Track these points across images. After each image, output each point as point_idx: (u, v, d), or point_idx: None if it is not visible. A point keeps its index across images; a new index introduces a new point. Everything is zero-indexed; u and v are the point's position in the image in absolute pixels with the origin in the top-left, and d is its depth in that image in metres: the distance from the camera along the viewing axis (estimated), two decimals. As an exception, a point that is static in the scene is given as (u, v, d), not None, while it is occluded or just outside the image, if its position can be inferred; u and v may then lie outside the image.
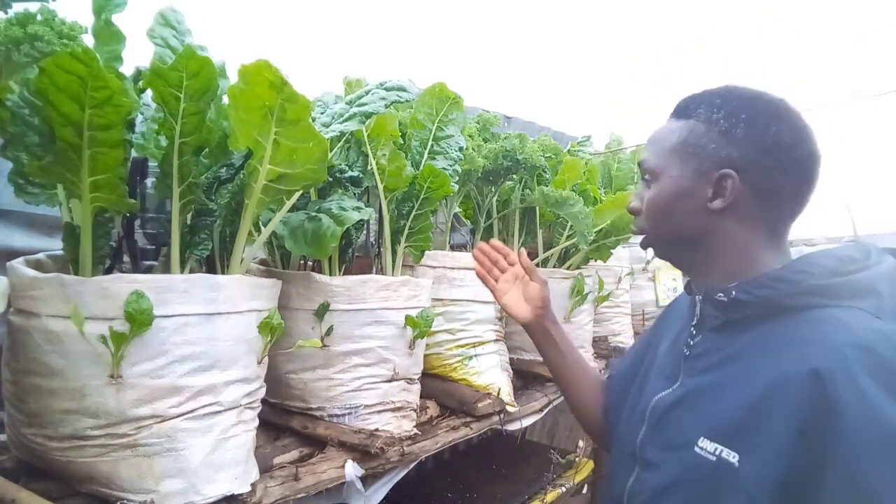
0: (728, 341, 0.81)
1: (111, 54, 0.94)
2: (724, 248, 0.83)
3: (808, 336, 0.72)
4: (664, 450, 0.82)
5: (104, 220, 0.92)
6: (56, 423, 0.83)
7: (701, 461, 0.75)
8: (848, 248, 0.80)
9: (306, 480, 1.03)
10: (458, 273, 1.49)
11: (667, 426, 0.83)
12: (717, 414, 0.76)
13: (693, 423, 0.79)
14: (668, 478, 0.80)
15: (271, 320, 0.96)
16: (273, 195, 0.98)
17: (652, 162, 0.87)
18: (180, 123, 0.85)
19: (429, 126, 1.48)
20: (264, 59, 0.83)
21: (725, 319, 0.82)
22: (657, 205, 0.86)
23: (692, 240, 0.85)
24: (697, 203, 0.82)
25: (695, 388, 0.82)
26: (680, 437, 0.80)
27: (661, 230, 0.88)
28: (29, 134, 0.79)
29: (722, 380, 0.79)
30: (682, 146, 0.84)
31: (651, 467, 0.84)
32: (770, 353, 0.75)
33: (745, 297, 0.78)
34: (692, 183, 0.82)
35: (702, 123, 0.83)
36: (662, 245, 0.91)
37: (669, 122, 0.88)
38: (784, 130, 0.78)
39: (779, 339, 0.75)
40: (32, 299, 0.82)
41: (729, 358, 0.80)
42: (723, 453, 0.73)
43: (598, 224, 1.75)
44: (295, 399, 1.21)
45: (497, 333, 1.61)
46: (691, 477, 0.76)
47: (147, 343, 0.82)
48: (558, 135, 3.15)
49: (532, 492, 1.86)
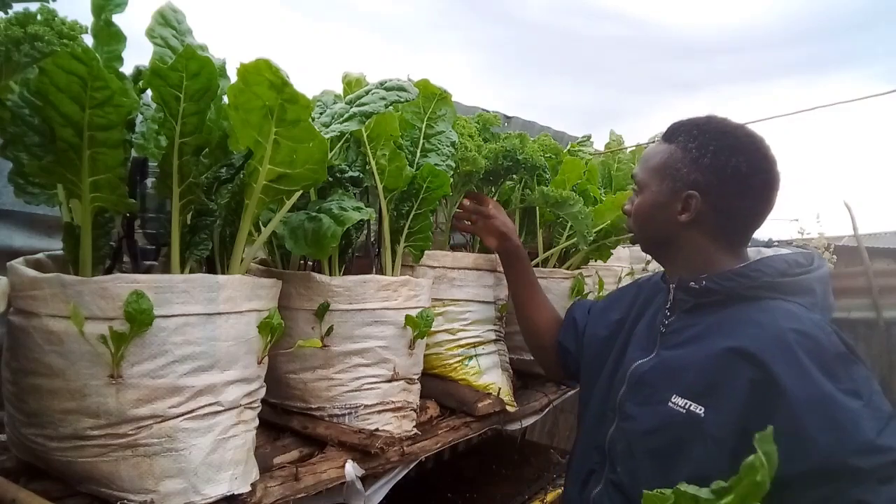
0: (696, 321, 1.00)
1: (111, 54, 0.94)
2: (689, 252, 1.04)
3: (759, 319, 0.91)
4: (641, 405, 1.00)
5: (104, 220, 0.92)
6: (56, 423, 0.83)
7: (674, 413, 0.93)
8: (797, 255, 1.00)
9: (306, 480, 1.03)
10: (458, 273, 1.49)
11: (644, 386, 1.01)
12: (686, 377, 0.94)
13: (667, 384, 0.96)
14: (645, 426, 0.97)
15: (271, 320, 0.96)
16: (273, 195, 0.98)
17: (640, 176, 1.09)
18: (180, 123, 0.85)
19: (418, 125, 1.47)
20: (264, 58, 0.83)
21: (695, 303, 1.01)
22: (640, 212, 1.09)
23: (665, 242, 1.07)
24: (670, 215, 1.03)
25: (668, 357, 1.00)
26: (655, 395, 0.97)
27: (643, 232, 1.11)
28: (29, 134, 0.79)
29: (690, 351, 0.97)
30: (662, 167, 1.04)
31: (629, 419, 1.01)
32: (729, 331, 0.93)
33: (714, 287, 0.98)
34: (667, 198, 1.03)
35: (680, 149, 1.02)
36: (644, 244, 1.14)
37: (659, 143, 1.08)
38: (743, 162, 0.97)
39: (736, 321, 0.94)
40: (32, 299, 0.82)
41: (696, 335, 0.98)
42: (691, 407, 0.91)
43: (597, 224, 1.75)
44: (295, 399, 1.21)
45: (497, 333, 1.61)
46: (665, 425, 0.94)
47: (147, 343, 0.82)
48: (558, 135, 3.15)
49: (532, 492, 1.86)
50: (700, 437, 0.89)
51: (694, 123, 1.04)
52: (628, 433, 1.00)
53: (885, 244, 4.53)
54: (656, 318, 1.09)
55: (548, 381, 1.83)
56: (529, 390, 1.77)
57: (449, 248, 1.63)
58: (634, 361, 1.06)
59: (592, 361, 1.23)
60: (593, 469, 1.09)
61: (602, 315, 1.28)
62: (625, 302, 1.24)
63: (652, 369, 1.02)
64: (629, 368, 1.05)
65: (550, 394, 1.78)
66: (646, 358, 1.04)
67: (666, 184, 1.03)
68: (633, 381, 1.04)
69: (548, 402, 1.75)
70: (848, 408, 0.81)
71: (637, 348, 1.08)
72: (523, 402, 1.63)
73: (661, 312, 1.08)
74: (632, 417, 1.00)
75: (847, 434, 0.79)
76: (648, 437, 0.96)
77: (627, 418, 1.01)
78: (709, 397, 0.90)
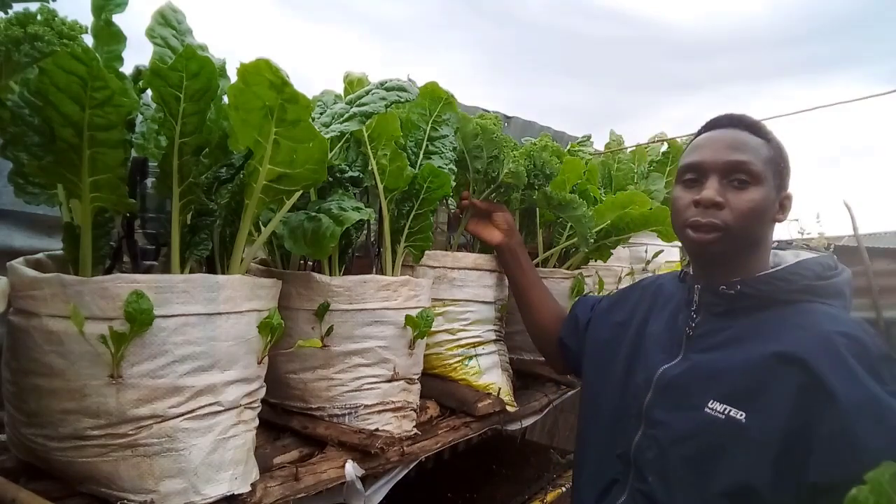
0: (729, 324, 0.96)
1: (111, 54, 0.94)
2: (762, 252, 0.99)
3: (802, 323, 0.89)
4: (673, 410, 0.95)
5: (104, 220, 0.92)
6: (56, 423, 0.83)
7: (712, 419, 0.89)
8: (825, 258, 0.98)
9: (306, 480, 1.03)
10: (459, 273, 1.49)
11: (674, 391, 0.96)
12: (724, 381, 0.90)
13: (702, 388, 0.92)
14: (678, 433, 0.93)
15: (271, 320, 0.96)
16: (273, 195, 0.98)
17: (756, 166, 0.95)
18: (180, 123, 0.85)
19: (423, 126, 1.48)
20: (264, 58, 0.83)
21: (728, 307, 0.97)
22: (756, 207, 0.94)
23: (756, 244, 0.98)
24: (772, 214, 0.98)
25: (701, 361, 0.96)
26: (689, 400, 0.93)
27: (746, 229, 0.95)
28: (29, 134, 0.79)
29: (726, 355, 0.93)
30: (772, 162, 0.97)
31: (660, 426, 0.96)
32: (770, 335, 0.90)
33: (750, 291, 0.94)
34: (774, 196, 0.97)
35: (773, 147, 0.98)
36: (733, 241, 0.96)
37: (745, 134, 0.97)
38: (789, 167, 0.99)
39: (776, 325, 0.91)
40: (32, 299, 0.82)
41: (732, 338, 0.94)
42: (731, 412, 0.87)
43: (598, 224, 1.75)
44: (295, 399, 1.21)
45: (497, 333, 1.60)
46: (702, 431, 0.90)
47: (147, 343, 0.82)
48: (558, 135, 3.16)
49: (532, 492, 1.86)
50: (742, 443, 0.85)
51: (759, 121, 1.00)
52: (660, 440, 0.95)
53: (885, 244, 4.52)
54: (677, 319, 1.05)
55: (548, 381, 1.83)
56: (529, 390, 1.76)
57: (457, 247, 1.63)
58: (659, 366, 1.01)
59: (595, 363, 1.20)
60: (616, 479, 1.03)
61: (604, 316, 1.26)
62: (627, 305, 1.21)
63: (683, 373, 0.97)
64: (654, 373, 1.00)
65: (550, 394, 1.78)
66: (672, 361, 1.00)
67: (775, 181, 0.97)
68: (662, 385, 0.99)
69: (548, 402, 1.75)
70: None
71: (659, 351, 1.03)
72: (523, 402, 1.63)
73: (684, 314, 1.03)
74: (663, 424, 0.96)
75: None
76: (683, 443, 0.92)
77: (657, 425, 0.97)
78: (751, 402, 0.86)
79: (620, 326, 1.17)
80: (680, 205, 1.00)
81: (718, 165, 0.95)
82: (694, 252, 1.02)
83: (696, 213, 0.96)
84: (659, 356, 1.02)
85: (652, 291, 1.19)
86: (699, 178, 0.98)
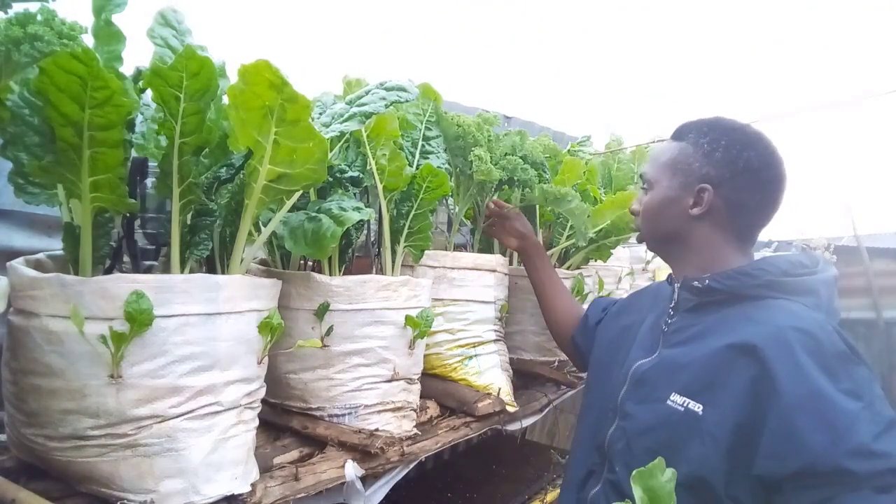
0: (697, 320, 1.00)
1: (111, 54, 0.94)
2: (700, 247, 1.03)
3: (759, 317, 0.91)
4: (640, 403, 0.99)
5: (104, 220, 0.92)
6: (56, 423, 0.83)
7: (671, 411, 0.92)
8: (801, 256, 1.00)
9: (306, 480, 1.03)
10: (458, 273, 1.49)
11: (643, 385, 1.01)
12: (685, 375, 0.94)
13: (666, 382, 0.96)
14: (643, 424, 0.97)
15: (271, 320, 0.96)
16: (273, 195, 0.98)
17: (650, 173, 1.08)
18: (180, 123, 0.85)
19: (419, 126, 1.48)
20: (264, 59, 0.83)
21: (698, 302, 1.01)
22: (651, 208, 1.08)
23: (676, 238, 1.06)
24: (681, 209, 1.03)
25: (668, 356, 1.00)
26: (654, 394, 0.97)
27: (653, 229, 1.10)
28: (29, 134, 0.79)
29: (690, 349, 0.96)
30: (673, 163, 1.04)
31: (629, 417, 1.00)
32: (729, 328, 0.93)
33: (717, 286, 0.97)
34: (678, 193, 1.03)
35: (690, 145, 1.03)
36: (653, 241, 1.13)
37: (668, 142, 1.08)
38: (754, 157, 0.98)
39: (736, 319, 0.94)
40: (32, 299, 0.82)
41: (698, 333, 0.98)
42: (689, 405, 0.90)
43: (597, 224, 1.75)
44: (295, 399, 1.21)
45: (497, 333, 1.60)
46: (663, 423, 0.93)
47: (147, 343, 0.82)
48: (558, 135, 3.15)
49: (532, 492, 1.86)
50: (698, 435, 0.88)
51: (703, 122, 1.05)
52: (628, 432, 0.99)
53: (885, 244, 4.53)
54: (660, 318, 1.09)
55: (548, 381, 1.83)
56: (529, 390, 1.76)
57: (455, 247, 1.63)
58: (636, 361, 1.05)
59: (598, 363, 1.23)
60: (592, 469, 1.08)
61: (615, 318, 1.28)
62: (634, 308, 1.23)
63: (652, 368, 1.01)
64: (631, 368, 1.05)
65: (550, 394, 1.78)
66: (647, 358, 1.04)
67: (677, 179, 1.03)
68: (635, 380, 1.03)
69: (548, 402, 1.75)
70: (844, 408, 0.78)
71: (640, 349, 1.08)
72: (523, 402, 1.63)
73: (665, 312, 1.07)
74: (631, 416, 1.00)
75: (840, 435, 0.76)
76: (646, 435, 0.96)
77: (627, 417, 1.01)
78: (707, 395, 0.89)
79: (626, 330, 1.19)
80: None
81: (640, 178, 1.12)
82: None
83: None
84: (639, 353, 1.06)
85: (653, 293, 1.22)
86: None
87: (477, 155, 1.48)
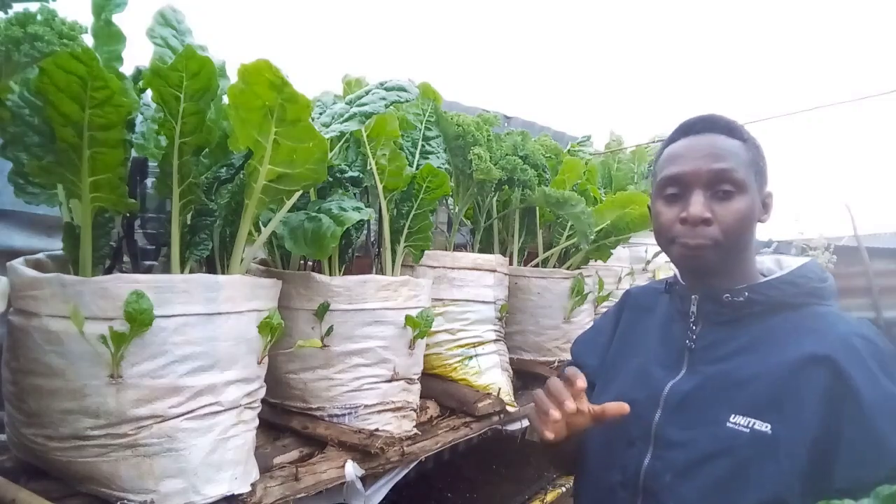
0: (737, 333, 0.92)
1: (111, 54, 0.94)
2: (749, 258, 0.95)
3: (816, 327, 0.88)
4: (689, 429, 0.89)
5: (104, 220, 0.92)
6: (56, 423, 0.83)
7: (735, 434, 0.84)
8: (815, 262, 0.97)
9: (306, 480, 1.03)
10: (458, 273, 1.49)
11: (689, 408, 0.91)
12: (745, 393, 0.86)
13: (720, 402, 0.88)
14: (700, 452, 0.87)
15: (271, 320, 0.96)
16: (273, 195, 0.98)
17: (739, 174, 0.90)
18: (180, 123, 0.85)
19: (418, 126, 1.48)
20: (264, 59, 0.83)
21: (733, 316, 0.93)
22: (744, 217, 0.90)
23: (745, 247, 0.93)
24: (757, 217, 0.94)
25: (715, 373, 0.91)
26: (706, 416, 0.88)
27: (738, 241, 0.91)
28: (29, 134, 0.79)
29: (741, 365, 0.89)
30: (752, 164, 0.92)
31: (675, 447, 0.90)
32: (785, 341, 0.88)
33: (758, 297, 0.91)
34: (758, 198, 0.93)
35: (751, 147, 0.93)
36: (725, 253, 0.91)
37: (722, 138, 0.93)
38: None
39: (790, 330, 0.89)
40: (32, 299, 0.82)
41: (741, 348, 0.91)
42: (755, 425, 0.83)
43: (598, 224, 1.75)
44: (295, 399, 1.21)
45: (497, 333, 1.60)
46: (726, 449, 0.85)
47: (147, 343, 0.82)
48: (558, 135, 3.15)
49: (532, 492, 1.86)
50: (771, 456, 0.81)
51: (731, 119, 0.96)
52: (677, 463, 0.89)
53: (885, 244, 4.53)
54: (670, 332, 0.99)
55: (548, 381, 1.82)
56: (529, 390, 1.76)
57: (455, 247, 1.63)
58: (665, 381, 0.94)
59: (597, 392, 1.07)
60: None
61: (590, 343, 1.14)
62: (608, 328, 1.12)
63: (697, 388, 0.91)
64: (663, 389, 0.93)
65: (550, 394, 1.77)
66: (678, 377, 0.93)
67: (757, 183, 0.93)
68: (674, 403, 0.92)
69: (548, 402, 1.75)
70: None
71: (659, 367, 0.97)
72: (523, 402, 1.63)
73: (680, 326, 0.97)
74: (679, 444, 0.89)
75: None
76: (708, 463, 0.86)
77: (672, 446, 0.90)
78: (774, 412, 0.83)
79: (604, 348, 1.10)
80: (664, 221, 0.94)
81: (701, 177, 0.91)
82: (685, 266, 0.98)
83: (684, 231, 0.91)
84: (659, 372, 0.96)
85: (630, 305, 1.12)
86: (682, 192, 0.93)
87: (476, 154, 1.49)
